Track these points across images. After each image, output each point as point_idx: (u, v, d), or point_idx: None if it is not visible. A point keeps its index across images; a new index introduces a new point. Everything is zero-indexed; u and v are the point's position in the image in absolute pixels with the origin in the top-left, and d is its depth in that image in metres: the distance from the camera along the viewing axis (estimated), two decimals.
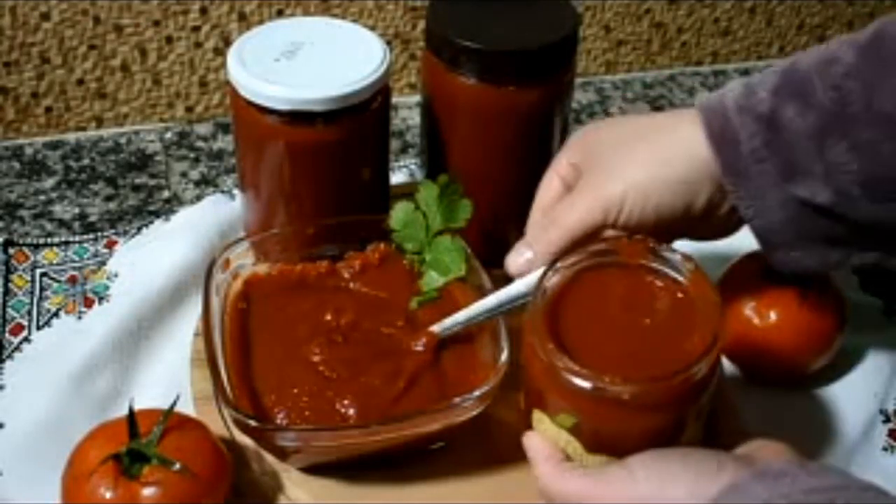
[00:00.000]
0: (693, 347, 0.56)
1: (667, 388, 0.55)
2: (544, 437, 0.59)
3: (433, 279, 0.69)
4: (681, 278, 0.60)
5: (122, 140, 0.94)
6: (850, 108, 0.56)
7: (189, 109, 0.99)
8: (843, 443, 0.70)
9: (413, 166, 0.92)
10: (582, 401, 0.55)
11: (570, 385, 0.55)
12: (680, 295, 0.60)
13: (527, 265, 0.63)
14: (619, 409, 0.55)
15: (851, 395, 0.73)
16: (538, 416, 0.59)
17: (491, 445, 0.65)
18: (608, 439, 0.57)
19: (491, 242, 0.77)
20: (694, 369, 0.54)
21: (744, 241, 0.79)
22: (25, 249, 0.81)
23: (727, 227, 0.64)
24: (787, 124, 0.58)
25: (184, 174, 0.91)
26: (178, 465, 0.58)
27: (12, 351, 0.73)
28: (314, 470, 0.64)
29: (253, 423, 0.59)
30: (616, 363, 0.56)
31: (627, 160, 0.61)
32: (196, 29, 0.95)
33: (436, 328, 0.66)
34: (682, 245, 0.80)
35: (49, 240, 0.82)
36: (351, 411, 0.62)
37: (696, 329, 0.57)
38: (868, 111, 0.56)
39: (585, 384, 0.55)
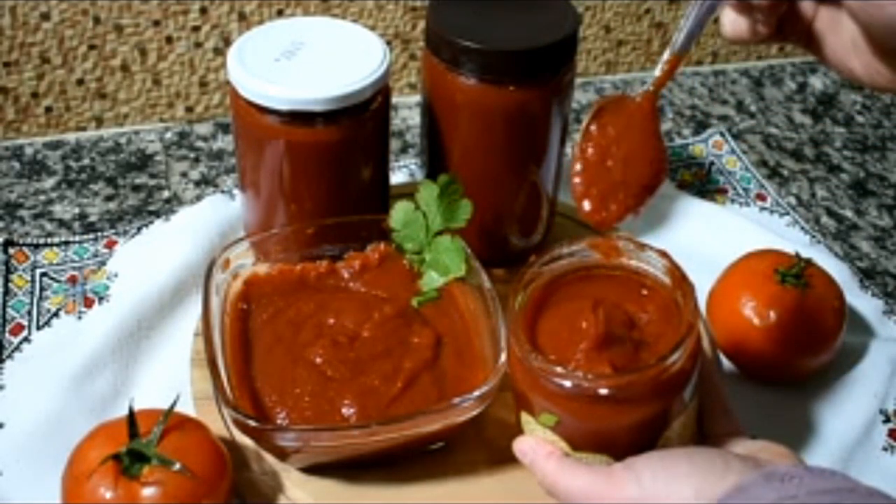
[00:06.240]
0: (671, 340, 0.56)
1: (643, 380, 0.55)
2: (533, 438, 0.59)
3: (433, 279, 0.69)
4: (657, 274, 0.60)
5: (122, 140, 0.94)
6: None
7: (189, 109, 0.99)
8: (843, 443, 0.69)
9: (413, 166, 0.92)
10: (561, 399, 0.56)
11: (547, 384, 0.56)
12: (657, 290, 0.60)
13: None
14: (598, 405, 0.55)
15: (851, 395, 0.73)
16: (525, 418, 0.59)
17: (491, 445, 0.65)
18: (591, 436, 0.57)
19: (491, 242, 0.77)
20: (669, 360, 0.55)
21: (743, 241, 0.79)
22: (25, 249, 0.81)
23: None
24: None
25: (184, 174, 0.91)
26: (178, 465, 0.58)
27: (12, 351, 0.73)
28: (314, 470, 0.64)
29: (253, 423, 0.59)
30: None
31: None
32: (196, 29, 0.95)
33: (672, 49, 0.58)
34: (680, 245, 0.80)
35: (49, 240, 0.82)
36: (351, 411, 0.62)
37: (673, 322, 0.58)
38: None
39: (562, 382, 0.55)
